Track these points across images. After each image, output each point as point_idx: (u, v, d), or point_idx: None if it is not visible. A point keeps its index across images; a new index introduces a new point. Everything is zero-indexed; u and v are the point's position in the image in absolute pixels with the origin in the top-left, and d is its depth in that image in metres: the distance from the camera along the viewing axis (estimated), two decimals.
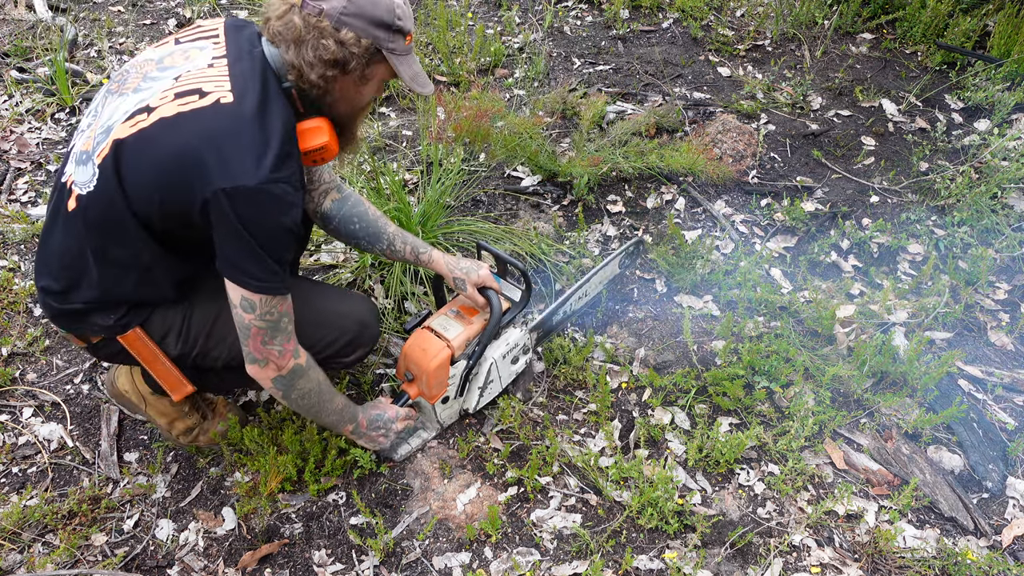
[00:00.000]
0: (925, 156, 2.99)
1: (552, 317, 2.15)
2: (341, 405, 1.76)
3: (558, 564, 1.75)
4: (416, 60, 1.52)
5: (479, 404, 2.02)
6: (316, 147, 1.48)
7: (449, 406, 1.98)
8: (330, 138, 1.50)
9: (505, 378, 2.05)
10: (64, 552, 1.73)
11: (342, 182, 1.87)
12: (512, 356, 2.02)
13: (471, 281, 1.89)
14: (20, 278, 2.48)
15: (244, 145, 1.34)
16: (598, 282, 2.28)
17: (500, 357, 1.97)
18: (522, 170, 2.91)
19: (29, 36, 3.70)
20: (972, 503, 1.90)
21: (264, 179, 1.33)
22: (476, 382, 1.97)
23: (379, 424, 1.85)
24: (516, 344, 2.01)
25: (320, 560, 1.76)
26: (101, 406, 2.09)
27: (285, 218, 1.39)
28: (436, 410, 1.96)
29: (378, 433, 1.86)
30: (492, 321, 1.88)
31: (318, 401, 1.68)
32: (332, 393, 1.72)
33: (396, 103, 3.29)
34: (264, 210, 1.36)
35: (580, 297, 2.21)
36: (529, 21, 3.86)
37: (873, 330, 2.29)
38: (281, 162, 1.35)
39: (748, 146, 2.99)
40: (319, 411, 1.71)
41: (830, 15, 3.80)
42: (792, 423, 1.98)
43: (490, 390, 2.03)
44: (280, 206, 1.37)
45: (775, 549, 1.78)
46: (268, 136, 1.36)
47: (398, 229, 1.91)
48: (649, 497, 1.80)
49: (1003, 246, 2.58)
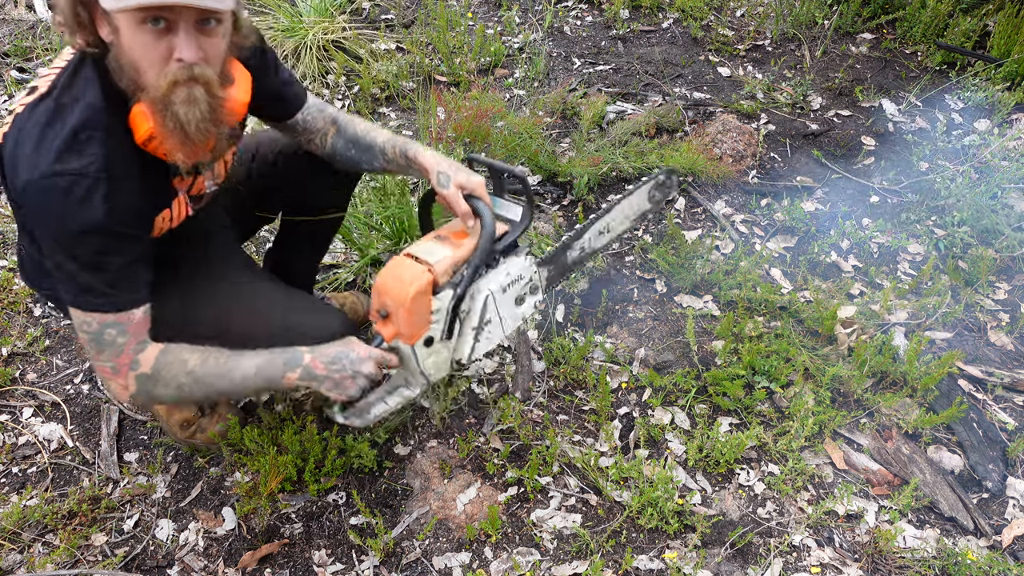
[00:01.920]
0: (925, 156, 2.99)
1: (566, 252, 1.83)
2: (255, 365, 1.44)
3: (558, 564, 1.75)
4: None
5: (475, 353, 1.63)
6: (145, 136, 1.26)
7: (435, 352, 1.58)
8: (152, 123, 1.24)
9: (508, 321, 1.66)
10: (64, 552, 1.73)
11: (337, 112, 1.71)
12: (515, 293, 1.64)
13: (457, 180, 1.54)
14: (20, 278, 2.48)
15: (34, 136, 1.21)
16: (623, 216, 1.96)
17: (499, 290, 1.59)
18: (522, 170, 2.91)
19: (29, 36, 3.70)
20: (972, 503, 1.90)
21: (45, 172, 1.18)
22: (469, 322, 1.58)
23: (344, 364, 1.47)
24: (519, 277, 1.63)
25: (320, 560, 1.76)
26: (101, 406, 2.09)
27: (80, 217, 1.21)
28: (418, 355, 1.55)
29: (343, 376, 1.48)
30: (483, 238, 1.52)
31: (208, 387, 1.42)
32: (226, 367, 1.42)
33: (396, 103, 3.29)
34: (47, 209, 1.20)
35: (601, 232, 1.92)
36: (529, 21, 3.86)
37: (873, 330, 2.29)
38: (68, 149, 1.19)
39: (748, 146, 2.99)
40: (220, 392, 1.45)
41: (830, 15, 3.80)
42: (792, 423, 1.98)
43: (488, 335, 1.63)
44: (67, 203, 1.19)
45: (775, 549, 1.78)
46: (63, 121, 1.21)
47: (390, 136, 1.67)
48: (649, 497, 1.80)
49: (1003, 246, 2.58)
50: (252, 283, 1.71)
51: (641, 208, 2.04)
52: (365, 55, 3.39)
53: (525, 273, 1.65)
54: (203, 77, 1.22)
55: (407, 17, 3.83)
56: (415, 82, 3.34)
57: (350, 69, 3.39)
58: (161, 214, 1.44)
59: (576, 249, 1.86)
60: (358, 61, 3.39)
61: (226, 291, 1.66)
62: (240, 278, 1.71)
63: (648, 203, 2.06)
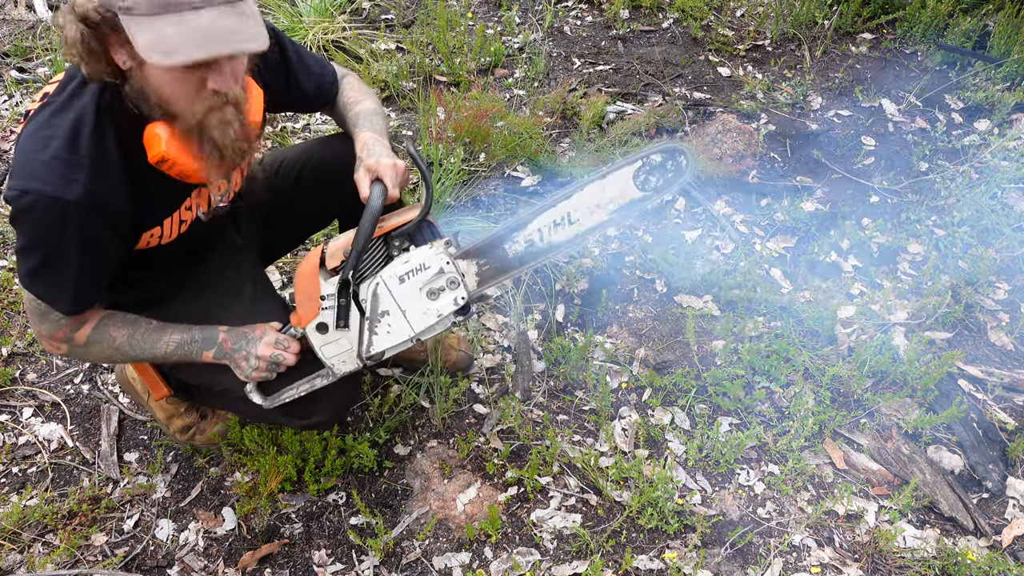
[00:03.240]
0: (925, 156, 2.99)
1: (503, 244, 1.56)
2: (175, 341, 1.50)
3: (558, 564, 1.75)
4: (190, 21, 1.12)
5: (373, 347, 1.54)
6: (157, 158, 1.29)
7: (331, 339, 1.52)
8: (167, 146, 1.27)
9: (414, 315, 1.52)
10: (64, 552, 1.73)
11: (343, 77, 1.71)
12: (422, 284, 1.50)
13: (366, 164, 1.49)
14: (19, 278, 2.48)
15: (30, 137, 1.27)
16: (593, 205, 1.56)
17: (395, 280, 1.49)
18: (522, 170, 2.91)
19: (29, 36, 3.70)
20: (972, 503, 1.90)
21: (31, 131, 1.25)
22: (365, 312, 1.50)
23: (241, 345, 1.51)
24: (422, 266, 1.49)
25: (320, 560, 1.76)
26: (101, 406, 2.09)
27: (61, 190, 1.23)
28: (313, 341, 1.51)
29: (239, 356, 1.51)
30: (364, 217, 1.42)
31: (134, 359, 1.51)
32: (149, 341, 1.49)
33: (396, 103, 3.29)
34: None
35: (558, 223, 1.56)
36: (529, 21, 3.86)
37: (873, 330, 2.29)
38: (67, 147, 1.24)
39: (748, 146, 2.99)
40: (147, 361, 1.54)
41: (830, 15, 3.80)
42: (792, 423, 1.98)
43: (387, 328, 1.52)
44: (20, 217, 1.25)
45: (775, 549, 1.78)
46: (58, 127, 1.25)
47: (359, 111, 1.64)
48: (649, 497, 1.80)
49: (1003, 246, 2.58)
50: (236, 288, 1.70)
51: (627, 197, 1.56)
52: (365, 55, 3.39)
53: (432, 263, 1.50)
54: (234, 98, 1.25)
55: (407, 17, 3.83)
56: (415, 82, 3.34)
57: (351, 69, 3.39)
58: (151, 231, 1.45)
59: (518, 242, 1.56)
60: (358, 61, 3.39)
61: (211, 293, 1.66)
62: (232, 287, 1.70)
63: (638, 190, 1.56)
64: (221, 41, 1.14)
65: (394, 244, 1.51)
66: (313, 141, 1.83)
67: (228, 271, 1.71)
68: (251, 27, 1.17)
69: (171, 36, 1.11)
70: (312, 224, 1.94)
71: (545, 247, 1.57)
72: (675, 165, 1.57)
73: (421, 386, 2.10)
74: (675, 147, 1.56)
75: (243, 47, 1.16)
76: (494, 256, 1.57)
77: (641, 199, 1.57)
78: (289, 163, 1.78)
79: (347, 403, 1.74)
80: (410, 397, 2.07)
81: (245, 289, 1.70)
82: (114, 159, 1.28)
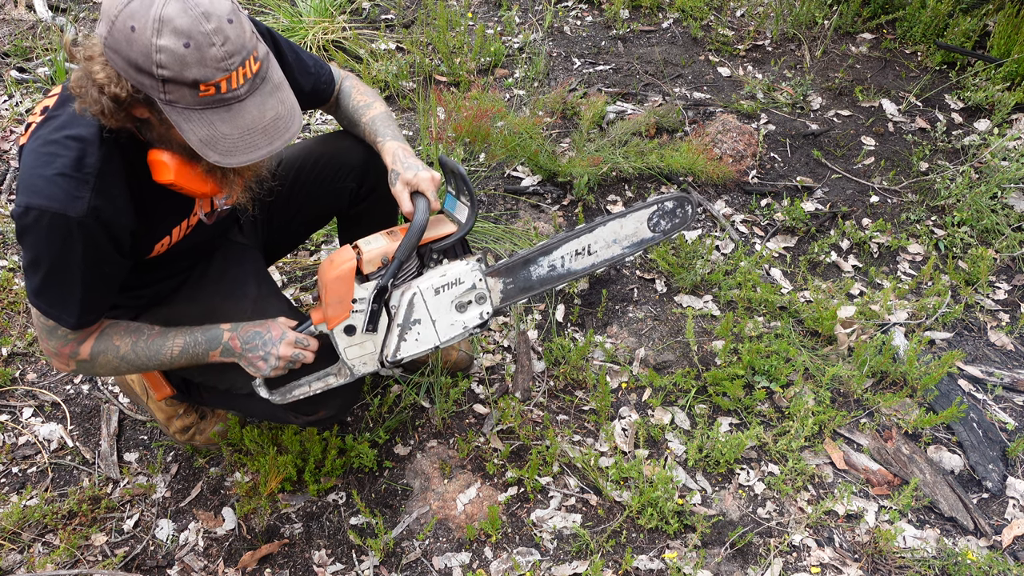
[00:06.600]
0: (925, 156, 2.99)
1: (529, 266, 1.72)
2: (179, 345, 1.50)
3: (558, 564, 1.75)
4: (239, 115, 1.17)
5: (400, 352, 1.60)
6: (167, 183, 1.31)
7: (357, 341, 1.56)
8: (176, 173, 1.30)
9: (442, 326, 1.61)
10: (64, 552, 1.73)
11: (344, 80, 1.72)
12: (453, 297, 1.58)
13: (403, 178, 1.52)
14: (20, 278, 2.48)
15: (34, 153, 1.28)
16: (610, 240, 1.81)
17: (430, 290, 1.55)
18: (522, 170, 2.91)
19: (29, 36, 3.70)
20: (972, 503, 1.90)
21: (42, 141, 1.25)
22: (396, 318, 1.56)
23: (256, 344, 1.50)
24: (458, 280, 1.57)
25: (320, 560, 1.76)
26: (101, 406, 2.09)
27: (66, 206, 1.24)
28: (338, 342, 1.55)
29: (255, 356, 1.50)
30: (409, 232, 1.49)
31: (140, 367, 1.50)
32: (153, 348, 1.49)
33: (396, 103, 3.29)
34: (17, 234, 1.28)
35: (579, 252, 1.78)
36: (529, 21, 3.86)
37: (873, 330, 2.29)
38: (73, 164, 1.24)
39: (748, 146, 2.99)
40: (154, 369, 1.53)
41: (830, 15, 3.80)
42: (792, 423, 1.98)
43: (416, 336, 1.59)
44: (25, 233, 1.26)
45: (775, 549, 1.78)
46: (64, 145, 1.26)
47: (372, 117, 1.67)
48: (649, 497, 1.80)
49: (1003, 246, 2.58)
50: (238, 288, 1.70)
51: (639, 236, 1.86)
52: (365, 55, 3.39)
53: (466, 278, 1.59)
54: None
55: (407, 17, 3.83)
56: (415, 82, 3.34)
57: (350, 69, 3.39)
58: (161, 241, 1.47)
59: (543, 266, 1.73)
60: (358, 61, 3.39)
61: (212, 293, 1.67)
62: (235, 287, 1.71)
63: (649, 231, 1.87)
64: (271, 135, 1.20)
65: (431, 256, 1.58)
66: (311, 140, 1.84)
67: (231, 269, 1.71)
68: (287, 103, 1.23)
69: (226, 136, 1.17)
70: (312, 223, 1.94)
71: (564, 272, 1.78)
72: (682, 212, 1.89)
73: (421, 386, 2.10)
74: (684, 196, 1.87)
75: (289, 136, 1.22)
76: (519, 276, 1.72)
77: (651, 238, 1.88)
78: (288, 162, 1.78)
79: (352, 400, 1.75)
80: (410, 397, 2.07)
81: (249, 287, 1.70)
82: (119, 176, 1.29)
